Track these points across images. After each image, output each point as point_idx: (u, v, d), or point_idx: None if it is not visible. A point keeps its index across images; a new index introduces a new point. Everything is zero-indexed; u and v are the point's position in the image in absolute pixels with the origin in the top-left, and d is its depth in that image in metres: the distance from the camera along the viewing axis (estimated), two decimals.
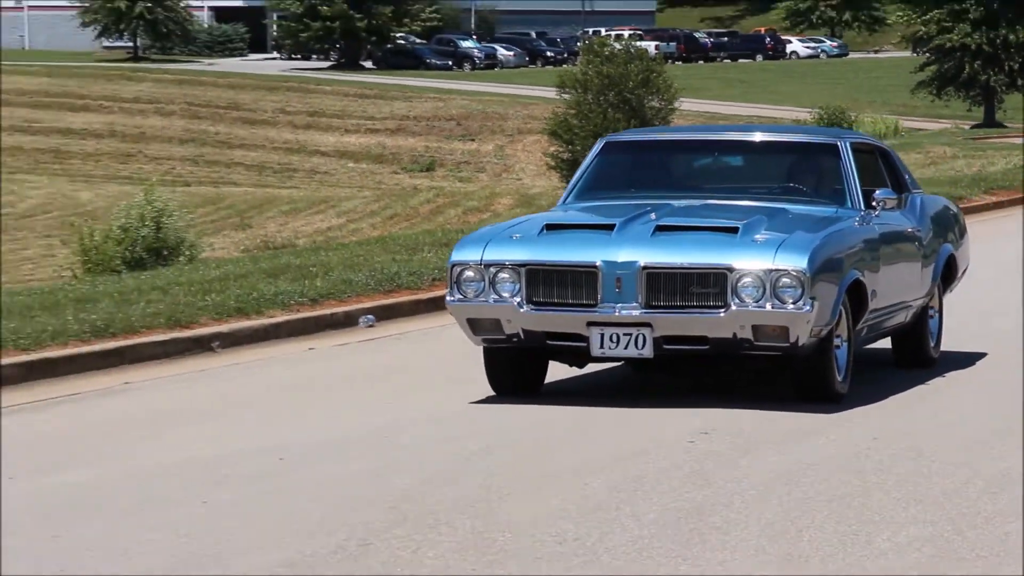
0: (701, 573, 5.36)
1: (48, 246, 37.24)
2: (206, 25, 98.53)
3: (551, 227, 8.84)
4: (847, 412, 8.57)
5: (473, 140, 67.62)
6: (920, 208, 10.39)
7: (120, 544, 6.20)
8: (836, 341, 8.47)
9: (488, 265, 8.45)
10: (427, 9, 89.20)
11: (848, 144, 9.72)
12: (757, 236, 8.24)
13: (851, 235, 8.93)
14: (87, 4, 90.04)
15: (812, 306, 7.85)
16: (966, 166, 37.40)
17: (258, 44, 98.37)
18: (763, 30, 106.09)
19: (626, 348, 8.20)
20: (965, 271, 11.46)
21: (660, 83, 56.53)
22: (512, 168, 66.89)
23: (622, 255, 8.15)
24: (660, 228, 8.42)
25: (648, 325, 8.09)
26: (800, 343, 8.00)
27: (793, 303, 7.86)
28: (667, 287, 8.11)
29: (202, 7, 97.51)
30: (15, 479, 7.60)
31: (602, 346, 8.25)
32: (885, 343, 10.30)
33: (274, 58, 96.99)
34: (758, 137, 10.88)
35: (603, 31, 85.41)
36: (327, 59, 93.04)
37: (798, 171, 10.00)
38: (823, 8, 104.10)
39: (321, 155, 69.36)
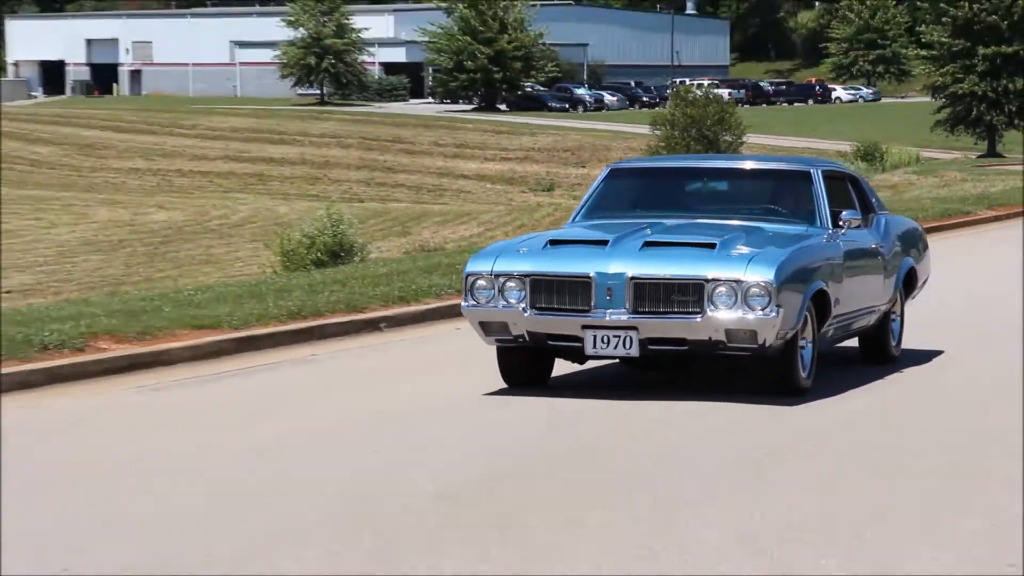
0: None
1: (254, 249, 37.74)
2: (376, 77, 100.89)
3: (554, 242, 8.49)
4: (813, 401, 8.19)
5: (584, 167, 67.66)
6: (884, 227, 9.87)
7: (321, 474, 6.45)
8: (801, 343, 8.04)
9: (497, 275, 8.10)
10: (549, 64, 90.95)
11: (820, 172, 9.23)
12: (732, 251, 7.81)
13: (816, 250, 8.44)
14: (285, 60, 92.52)
15: (778, 313, 7.44)
16: (972, 187, 37.49)
17: (417, 91, 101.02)
18: (813, 80, 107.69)
19: (615, 348, 7.83)
20: (926, 281, 10.81)
21: (732, 121, 55.86)
22: None
23: (613, 267, 7.74)
24: (648, 244, 8.00)
25: (634, 328, 7.69)
26: (767, 345, 7.59)
27: (761, 310, 7.45)
28: (651, 295, 7.70)
29: (373, 62, 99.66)
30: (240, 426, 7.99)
31: (595, 346, 7.86)
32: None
33: (429, 102, 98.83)
34: (741, 165, 10.59)
35: (687, 80, 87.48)
36: (471, 103, 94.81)
37: (776, 195, 9.49)
38: (861, 63, 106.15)
39: (465, 178, 69.92)
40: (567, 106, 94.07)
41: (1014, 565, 4.66)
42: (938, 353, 10.48)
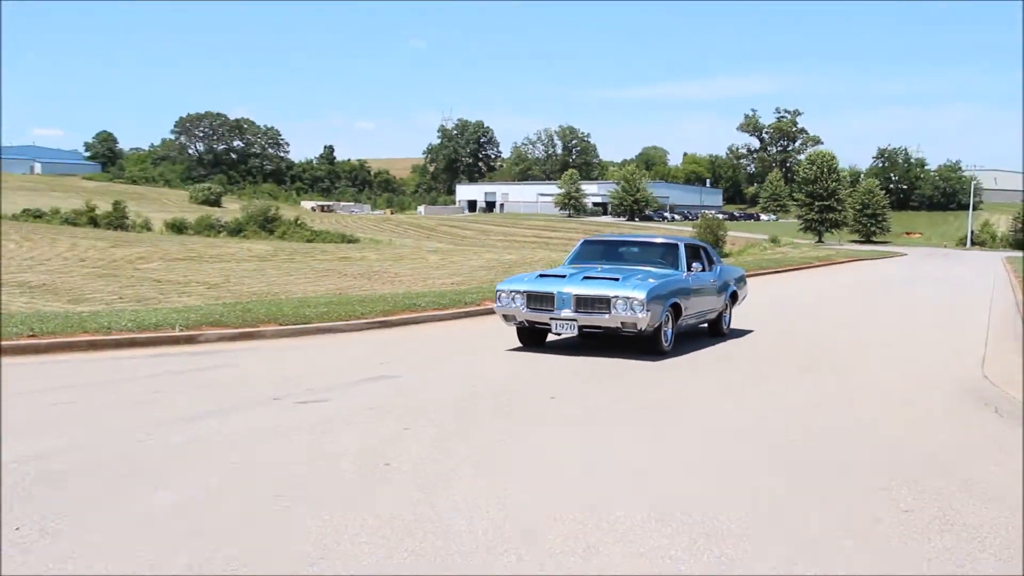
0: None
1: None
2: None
3: (542, 275, 14.73)
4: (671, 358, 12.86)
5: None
6: (719, 272, 16.96)
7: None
8: (665, 329, 14.08)
9: (511, 291, 14.23)
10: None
11: (683, 244, 16.14)
12: (627, 282, 13.75)
13: (674, 283, 14.55)
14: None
15: (646, 314, 13.28)
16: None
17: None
18: (755, 211, 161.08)
19: (567, 330, 13.84)
20: (744, 298, 18.69)
21: (721, 225, 79.42)
22: None
23: (565, 289, 13.81)
24: (586, 278, 14.13)
25: (575, 320, 13.67)
26: (643, 330, 13.44)
27: (639, 313, 13.29)
28: (585, 303, 13.62)
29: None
30: None
31: (556, 329, 13.98)
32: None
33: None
34: (647, 240, 17.01)
35: (705, 211, 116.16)
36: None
37: (662, 254, 16.03)
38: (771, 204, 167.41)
39: None
40: (664, 217, 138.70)
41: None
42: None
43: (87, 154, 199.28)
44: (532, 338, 14.73)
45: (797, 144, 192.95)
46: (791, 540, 5.84)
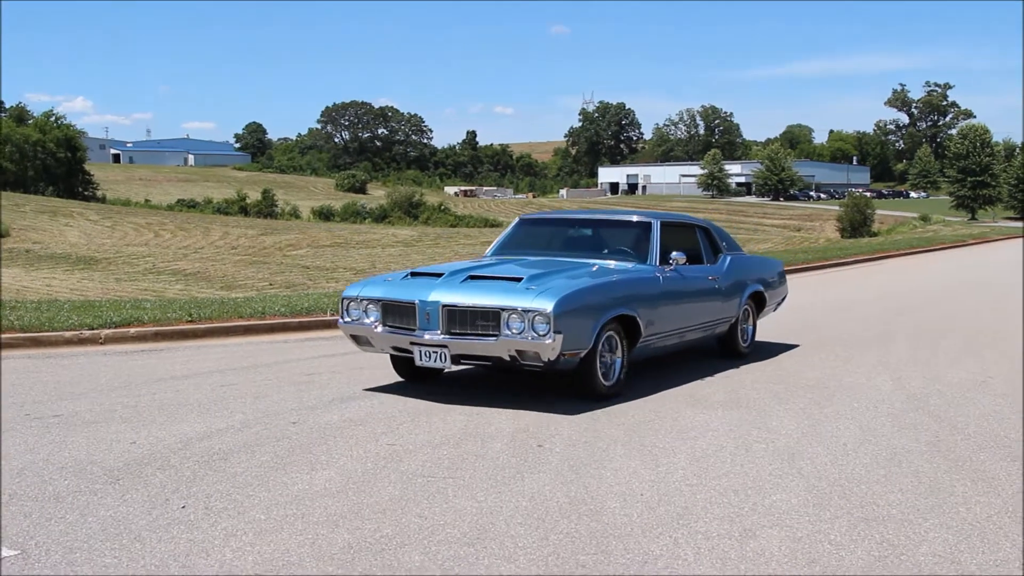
0: None
1: None
2: None
3: (413, 274, 9.74)
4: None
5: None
6: (728, 263, 11.79)
7: None
8: (606, 359, 9.20)
9: (362, 299, 9.47)
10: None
11: (660, 222, 10.85)
12: (531, 285, 8.84)
13: (622, 284, 9.58)
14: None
15: (555, 338, 8.37)
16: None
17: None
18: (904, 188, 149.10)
19: (435, 361, 8.90)
20: (782, 300, 13.57)
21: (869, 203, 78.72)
22: None
23: (432, 296, 8.90)
24: (471, 277, 9.23)
25: (445, 347, 8.78)
26: (553, 362, 8.54)
27: (541, 335, 8.41)
28: (460, 320, 8.77)
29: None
30: None
31: (421, 359, 8.97)
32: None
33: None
34: (603, 217, 11.87)
35: (852, 189, 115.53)
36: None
37: (623, 239, 10.99)
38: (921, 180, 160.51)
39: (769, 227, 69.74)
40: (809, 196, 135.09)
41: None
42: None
43: (237, 145, 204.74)
44: (412, 368, 9.79)
45: (948, 118, 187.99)
46: (952, 524, 5.66)
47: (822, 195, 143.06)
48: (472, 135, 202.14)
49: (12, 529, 5.36)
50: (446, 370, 9.75)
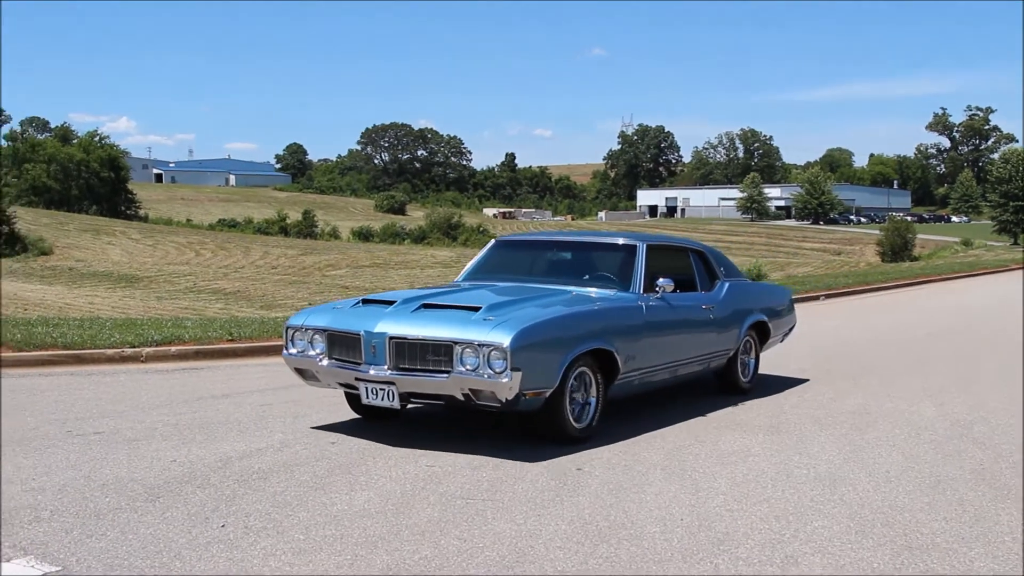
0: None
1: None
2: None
3: (365, 301, 8.83)
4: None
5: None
6: (725, 291, 10.77)
7: None
8: (577, 399, 8.26)
9: (308, 328, 8.61)
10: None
11: (646, 246, 9.81)
12: (490, 315, 7.89)
13: (601, 315, 8.66)
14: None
15: (512, 377, 7.44)
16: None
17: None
18: (944, 213, 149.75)
19: (381, 400, 8.01)
20: (789, 331, 12.50)
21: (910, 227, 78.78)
22: None
23: (379, 327, 7.98)
24: (425, 305, 8.30)
25: (392, 384, 7.87)
26: (512, 402, 7.63)
27: (498, 372, 7.47)
28: (410, 354, 7.86)
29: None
30: None
31: (368, 396, 8.07)
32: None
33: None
34: (583, 240, 10.83)
35: (892, 213, 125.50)
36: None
37: (605, 264, 10.03)
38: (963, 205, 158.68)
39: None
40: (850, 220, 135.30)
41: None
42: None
43: (278, 166, 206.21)
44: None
45: (990, 142, 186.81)
46: (998, 554, 5.57)
47: (862, 219, 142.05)
48: (511, 157, 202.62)
49: (53, 545, 5.38)
50: (396, 409, 8.31)
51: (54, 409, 9.36)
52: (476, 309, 8.07)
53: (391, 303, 8.51)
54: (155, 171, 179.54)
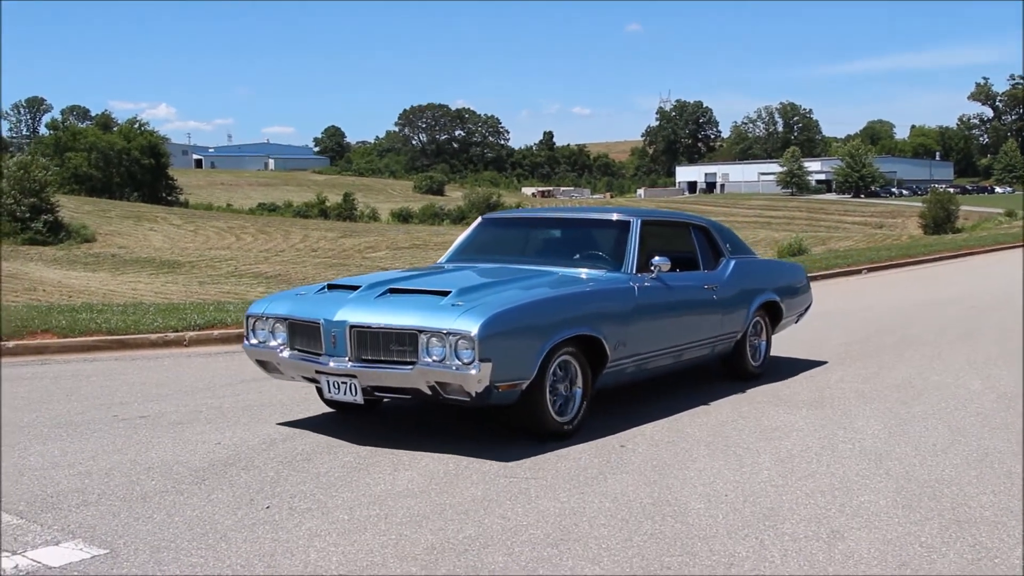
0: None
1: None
2: None
3: (331, 287, 8.19)
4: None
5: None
6: (731, 269, 10.00)
7: None
8: (560, 388, 7.58)
9: (268, 317, 8.00)
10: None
11: (640, 222, 9.06)
12: (459, 300, 7.23)
13: (582, 298, 7.95)
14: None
15: (480, 368, 6.79)
16: None
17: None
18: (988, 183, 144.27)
19: (344, 394, 7.40)
20: (804, 311, 11.72)
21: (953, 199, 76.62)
22: None
23: (339, 315, 7.33)
24: (392, 291, 7.62)
25: (354, 376, 7.25)
26: (483, 395, 6.98)
27: (466, 363, 6.84)
28: (372, 344, 7.20)
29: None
30: None
31: (329, 391, 7.51)
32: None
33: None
34: (573, 216, 10.19)
35: (935, 185, 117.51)
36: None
37: (597, 242, 9.27)
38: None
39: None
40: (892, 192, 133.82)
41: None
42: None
43: (316, 149, 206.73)
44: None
45: None
46: None
47: (904, 192, 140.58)
48: (549, 136, 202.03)
49: (101, 528, 5.43)
50: (345, 400, 7.58)
51: (99, 394, 9.45)
52: (445, 294, 7.42)
53: (352, 288, 7.94)
54: (195, 157, 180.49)
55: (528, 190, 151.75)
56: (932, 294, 20.05)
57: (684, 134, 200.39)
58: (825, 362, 11.25)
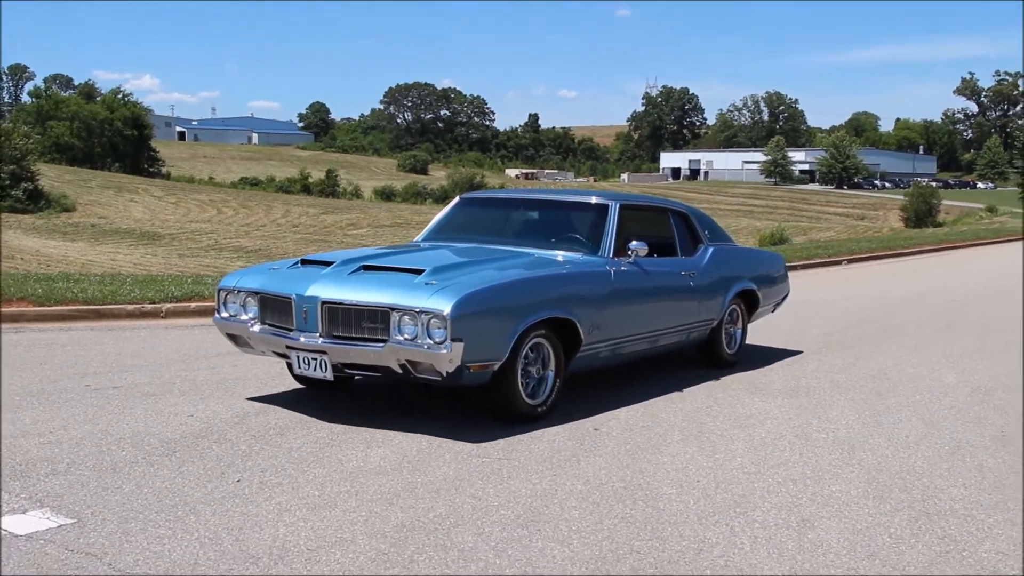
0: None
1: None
2: None
3: (304, 261, 8.11)
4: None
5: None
6: (709, 256, 9.97)
7: None
8: (532, 370, 7.52)
9: (240, 291, 7.91)
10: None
11: (619, 205, 9.02)
12: (433, 279, 7.14)
13: (557, 280, 7.88)
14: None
15: (451, 347, 6.71)
16: None
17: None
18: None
19: (314, 370, 7.33)
20: (781, 300, 11.66)
21: (934, 193, 74.93)
22: None
23: (311, 290, 7.25)
24: (364, 267, 7.55)
25: (324, 352, 7.19)
26: (455, 375, 6.90)
27: (437, 343, 6.76)
28: (344, 320, 7.13)
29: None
30: None
31: (299, 366, 7.43)
32: None
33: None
34: (551, 198, 9.82)
35: (917, 179, 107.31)
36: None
37: (574, 224, 9.19)
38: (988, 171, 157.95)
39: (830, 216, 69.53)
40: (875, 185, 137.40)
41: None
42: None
43: (301, 124, 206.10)
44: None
45: (1018, 108, 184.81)
46: (1017, 521, 5.52)
47: (887, 184, 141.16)
48: (534, 118, 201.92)
49: (69, 498, 5.40)
50: (315, 377, 7.54)
51: (73, 363, 9.39)
52: (419, 272, 7.34)
53: (326, 264, 7.86)
54: (178, 129, 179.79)
55: (512, 172, 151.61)
56: (912, 287, 20.13)
57: (670, 120, 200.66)
58: (802, 351, 11.28)
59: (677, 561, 4.78)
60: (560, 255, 8.49)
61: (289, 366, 7.88)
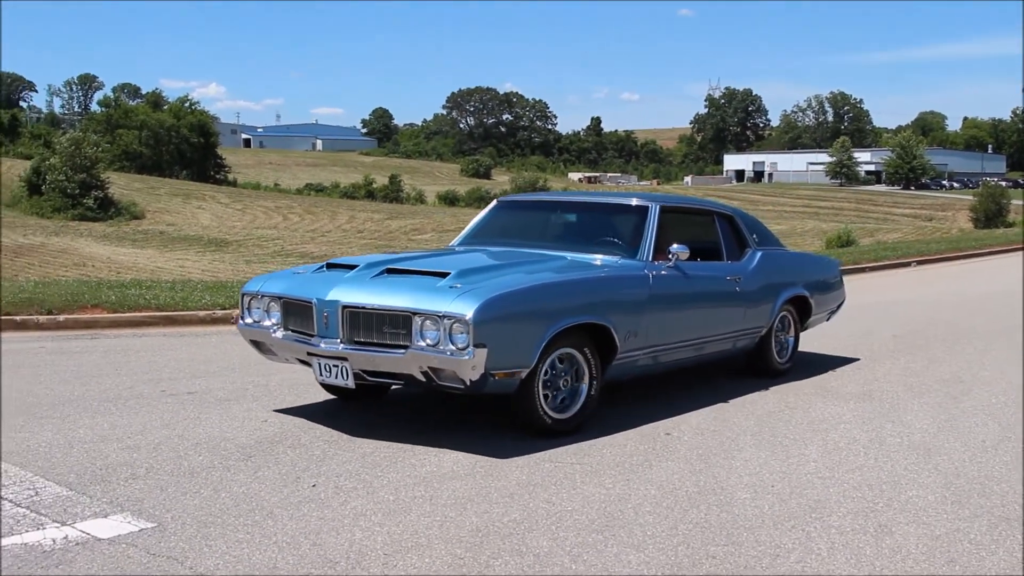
0: None
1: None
2: None
3: (330, 265, 7.85)
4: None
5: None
6: (757, 261, 9.55)
7: None
8: (566, 383, 7.22)
9: (263, 296, 7.71)
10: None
11: (659, 207, 8.64)
12: (457, 283, 6.84)
13: (590, 284, 7.56)
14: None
15: (474, 353, 6.43)
16: None
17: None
18: None
19: (335, 378, 7.10)
20: (837, 308, 11.22)
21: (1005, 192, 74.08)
22: None
23: (332, 294, 7.00)
24: (389, 271, 7.28)
25: (345, 359, 6.94)
26: (479, 383, 6.61)
27: (460, 349, 6.47)
28: (365, 325, 6.87)
29: None
30: None
31: (321, 374, 7.21)
32: None
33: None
34: (589, 200, 9.56)
35: (987, 178, 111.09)
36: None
37: (613, 227, 8.82)
38: None
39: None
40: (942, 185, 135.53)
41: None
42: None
43: (364, 130, 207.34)
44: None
45: None
46: None
47: (955, 184, 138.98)
48: (596, 121, 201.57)
49: (149, 502, 5.48)
50: (336, 384, 7.30)
51: (148, 369, 9.54)
52: (444, 275, 7.07)
53: (349, 267, 7.61)
54: (244, 136, 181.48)
55: (575, 175, 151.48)
56: (983, 288, 19.83)
57: (733, 122, 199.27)
58: (872, 354, 11.15)
59: (754, 567, 4.76)
60: (598, 259, 8.22)
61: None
